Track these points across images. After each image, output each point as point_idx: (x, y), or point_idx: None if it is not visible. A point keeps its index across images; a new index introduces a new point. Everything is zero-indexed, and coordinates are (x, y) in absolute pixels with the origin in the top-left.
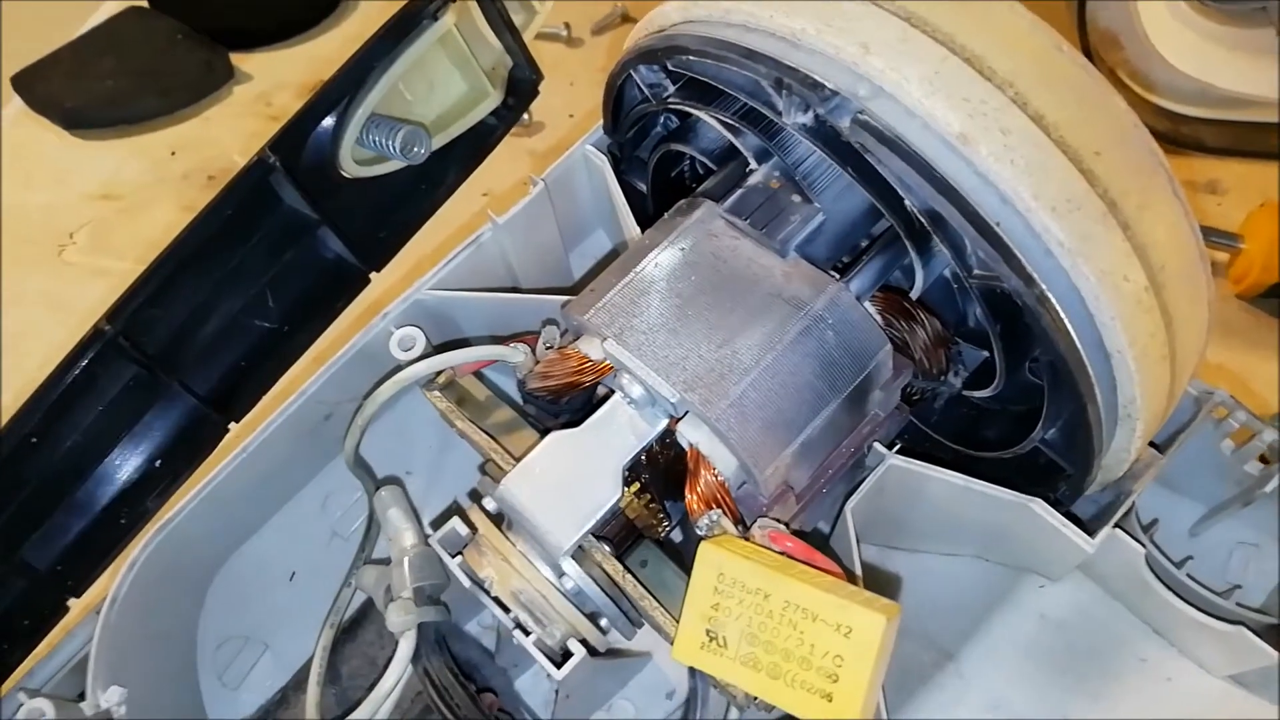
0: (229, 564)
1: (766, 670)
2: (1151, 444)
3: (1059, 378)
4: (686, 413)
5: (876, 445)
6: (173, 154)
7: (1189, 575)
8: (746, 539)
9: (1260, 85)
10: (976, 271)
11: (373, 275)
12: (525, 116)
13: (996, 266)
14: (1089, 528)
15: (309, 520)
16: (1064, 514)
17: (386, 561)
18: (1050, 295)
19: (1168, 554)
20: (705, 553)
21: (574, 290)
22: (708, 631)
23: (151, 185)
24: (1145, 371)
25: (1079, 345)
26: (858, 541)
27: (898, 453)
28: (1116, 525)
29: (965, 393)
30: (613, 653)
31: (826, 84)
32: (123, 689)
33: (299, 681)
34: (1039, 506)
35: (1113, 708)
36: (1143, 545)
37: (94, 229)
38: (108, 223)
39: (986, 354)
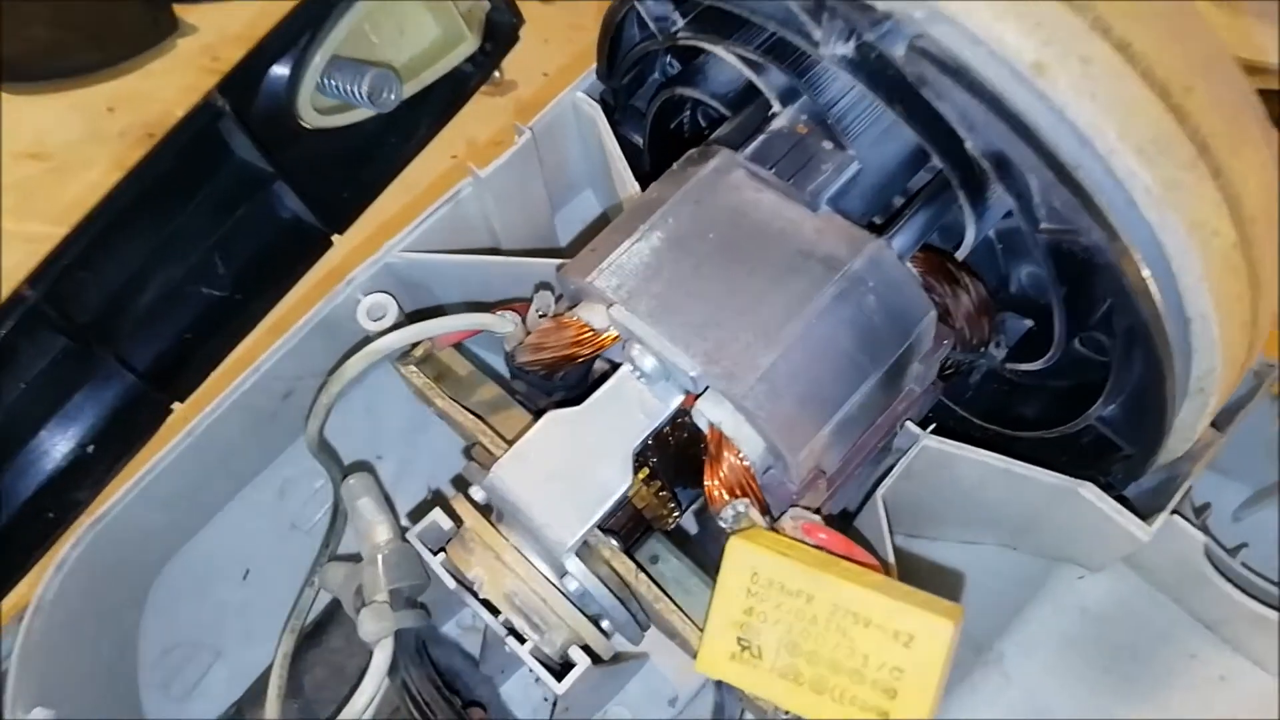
0: (174, 562)
1: (810, 684)
2: None
3: (1132, 346)
4: (706, 388)
5: (909, 424)
6: (110, 110)
7: (1244, 564)
8: (774, 530)
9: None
10: (1044, 225)
11: (335, 237)
12: (496, 74)
13: (1073, 217)
14: (1140, 514)
15: (265, 511)
16: (1115, 499)
17: (355, 558)
18: (1135, 251)
19: (1221, 541)
20: (736, 550)
21: (567, 254)
22: (739, 640)
23: (85, 143)
24: (1228, 340)
25: (1162, 309)
26: (890, 532)
27: (931, 433)
28: (1174, 511)
29: (1010, 366)
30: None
31: (877, 5)
32: (49, 710)
33: (255, 693)
34: (1089, 491)
35: (1162, 708)
36: (1201, 533)
37: (21, 191)
38: (36, 183)
39: (1031, 323)
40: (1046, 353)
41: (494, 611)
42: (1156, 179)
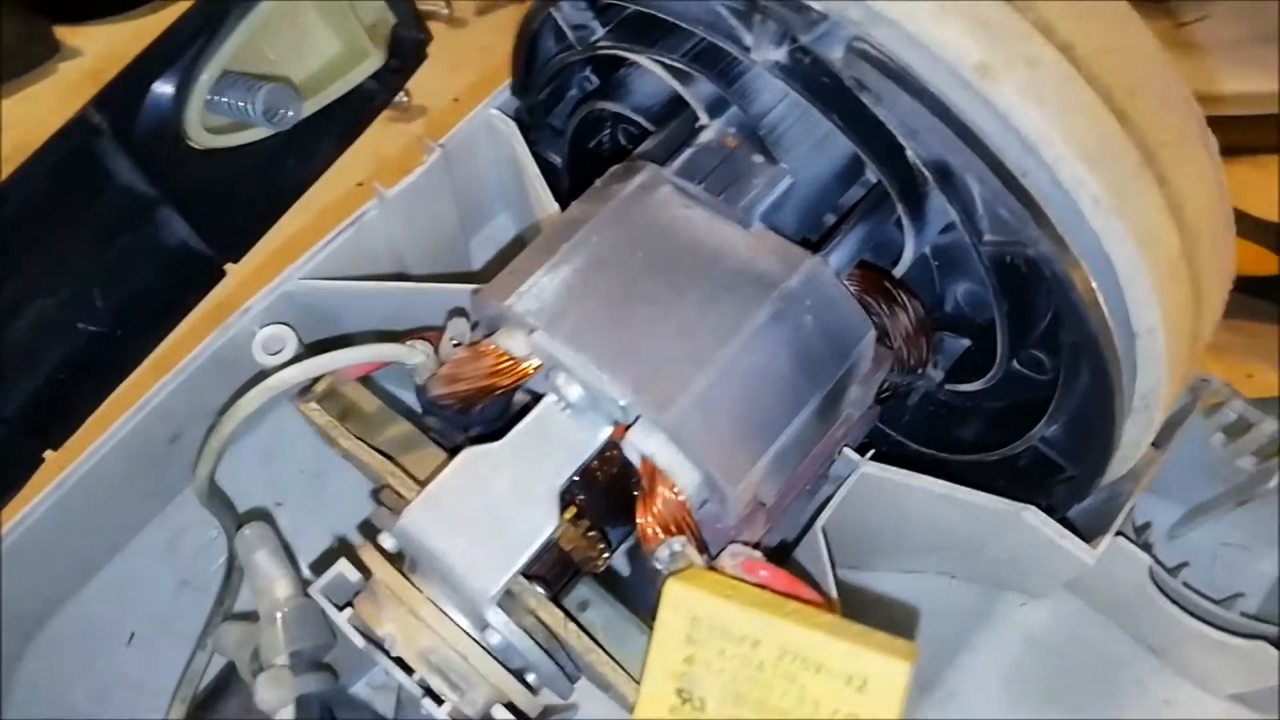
0: (48, 628)
1: None
2: None
3: (1078, 362)
4: (638, 417)
5: (847, 451)
6: None
7: (1186, 584)
8: (713, 569)
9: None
10: (989, 237)
11: (229, 266)
12: (404, 96)
13: (1020, 228)
14: (1083, 537)
15: (152, 567)
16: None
17: (252, 616)
18: (1083, 261)
19: (1162, 561)
20: (673, 594)
21: (482, 280)
22: (679, 691)
23: None
24: (1173, 354)
25: (1111, 323)
26: (832, 565)
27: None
28: (1118, 533)
29: (948, 387)
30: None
31: (814, 5)
32: None
33: None
34: (1033, 515)
35: None
36: (1146, 555)
37: None
38: None
39: (968, 342)
40: (986, 373)
41: (408, 670)
42: (1104, 186)
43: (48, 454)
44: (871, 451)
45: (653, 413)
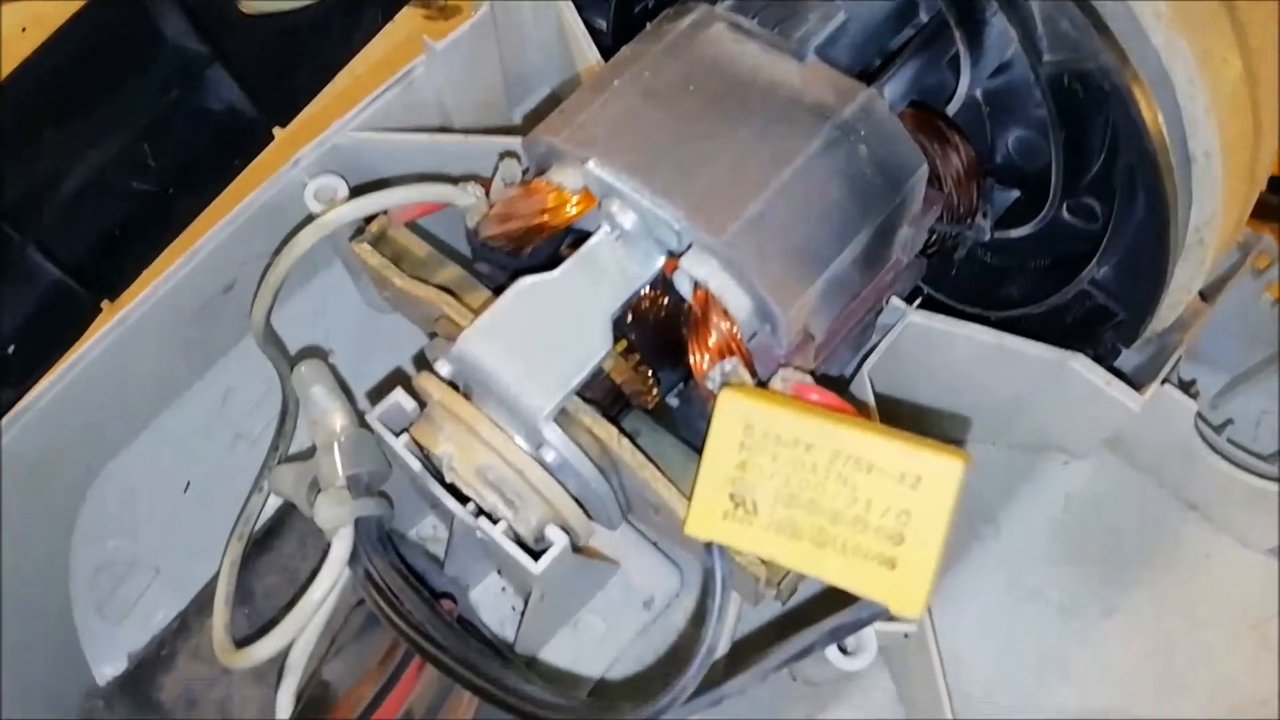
0: (107, 473)
1: (810, 537)
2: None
3: (1133, 194)
4: (690, 245)
5: (894, 300)
6: (23, 31)
7: (1230, 440)
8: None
9: None
10: (1048, 56)
11: (276, 130)
12: None
13: (1081, 41)
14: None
15: (207, 420)
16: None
17: (308, 457)
18: (1143, 75)
19: (1208, 419)
20: (727, 403)
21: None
22: (732, 496)
23: None
24: (1229, 186)
25: (1169, 141)
26: (876, 412)
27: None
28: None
29: (996, 235)
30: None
31: None
32: None
33: (201, 604)
34: (1080, 363)
35: (1151, 586)
36: (1192, 400)
37: None
38: None
39: (1018, 193)
40: (1036, 217)
41: (460, 499)
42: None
43: (105, 305)
44: (920, 299)
45: (706, 237)
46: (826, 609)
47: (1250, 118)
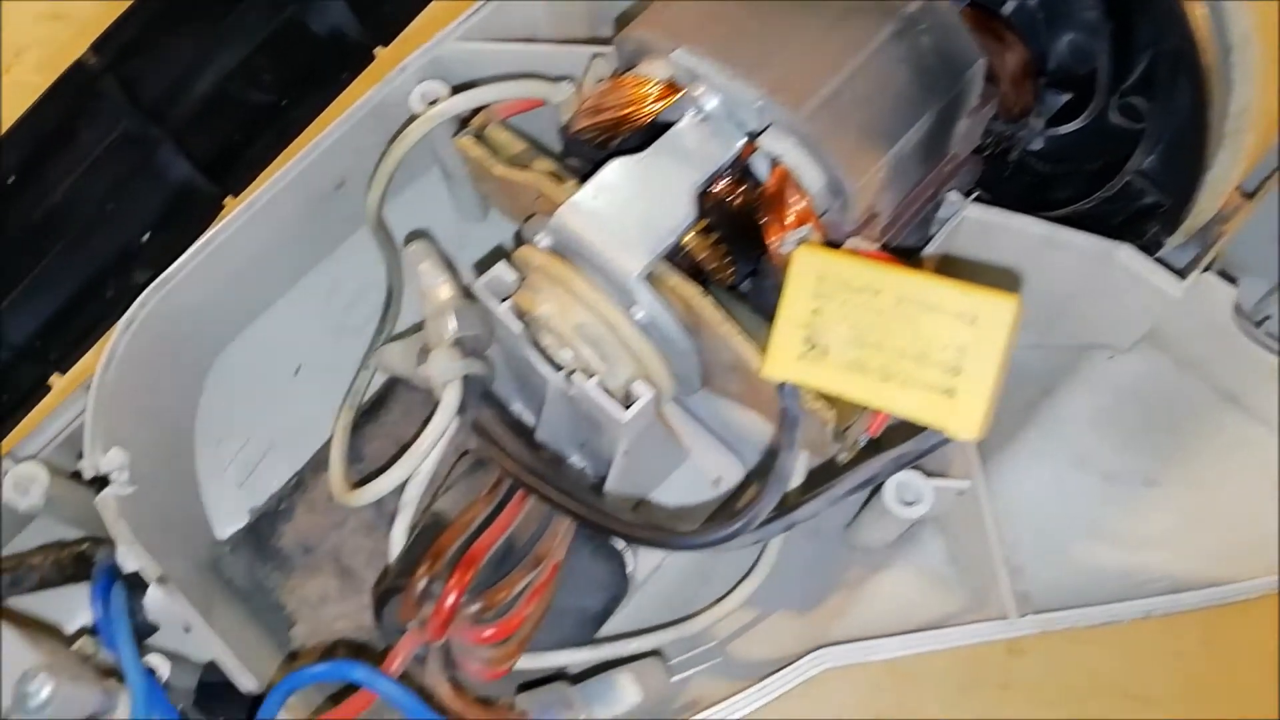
0: (230, 349)
1: (876, 373)
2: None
3: (1175, 81)
4: (769, 126)
5: (951, 195)
6: None
7: (1269, 334)
8: None
9: None
10: None
11: (378, 50)
12: None
13: None
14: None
15: (316, 308)
16: None
17: (414, 331)
18: None
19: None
20: (801, 257)
21: None
22: (806, 339)
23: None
24: (1266, 72)
25: (1209, 29)
26: None
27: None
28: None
29: (1047, 132)
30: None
31: None
32: (125, 452)
33: (316, 465)
34: (1125, 252)
35: (1192, 462)
36: (1233, 285)
37: (43, 50)
38: (58, 44)
39: (1069, 95)
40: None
41: (554, 366)
42: None
43: (228, 200)
44: (974, 194)
45: (785, 113)
46: None
47: None
